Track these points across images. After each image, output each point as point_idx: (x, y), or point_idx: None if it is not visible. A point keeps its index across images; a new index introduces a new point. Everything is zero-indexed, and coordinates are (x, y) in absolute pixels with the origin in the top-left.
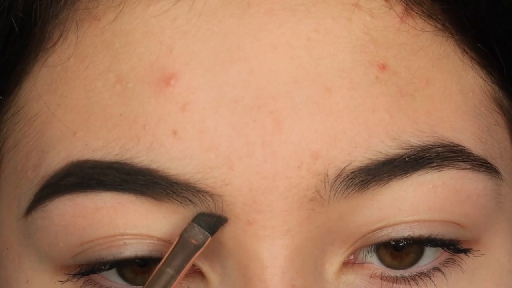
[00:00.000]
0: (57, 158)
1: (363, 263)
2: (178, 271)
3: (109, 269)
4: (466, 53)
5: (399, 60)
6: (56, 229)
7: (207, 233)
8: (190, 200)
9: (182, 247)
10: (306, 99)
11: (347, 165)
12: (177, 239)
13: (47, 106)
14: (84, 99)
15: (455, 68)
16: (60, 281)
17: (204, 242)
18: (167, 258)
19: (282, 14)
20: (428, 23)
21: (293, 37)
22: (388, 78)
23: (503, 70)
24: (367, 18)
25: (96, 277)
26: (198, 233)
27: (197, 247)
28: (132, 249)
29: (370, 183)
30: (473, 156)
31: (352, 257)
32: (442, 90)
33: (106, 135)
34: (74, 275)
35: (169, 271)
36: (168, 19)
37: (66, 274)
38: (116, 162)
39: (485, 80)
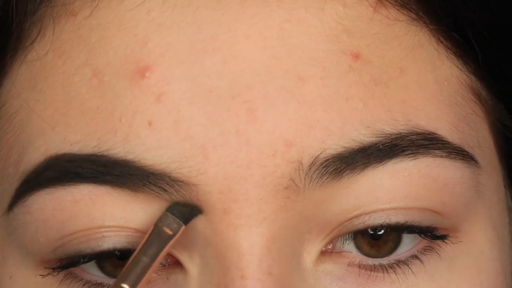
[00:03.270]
0: (37, 153)
1: (341, 251)
2: (153, 259)
3: (88, 261)
4: (441, 42)
5: (373, 49)
6: (37, 223)
7: (181, 222)
8: (165, 190)
9: (157, 236)
10: (279, 88)
11: (320, 153)
12: (152, 228)
13: (26, 103)
14: (62, 94)
15: (429, 58)
16: (41, 275)
17: (178, 231)
18: (142, 247)
19: (255, 4)
20: (401, 12)
21: (266, 27)
22: (362, 67)
23: (480, 60)
24: (339, 8)
25: (76, 270)
26: (173, 222)
27: (171, 236)
28: (110, 241)
29: (344, 171)
30: (449, 144)
31: (330, 246)
32: (417, 79)
33: (84, 129)
34: (54, 269)
35: (145, 259)
36: (143, 12)
37: (46, 268)
38: (93, 155)
39: (461, 70)
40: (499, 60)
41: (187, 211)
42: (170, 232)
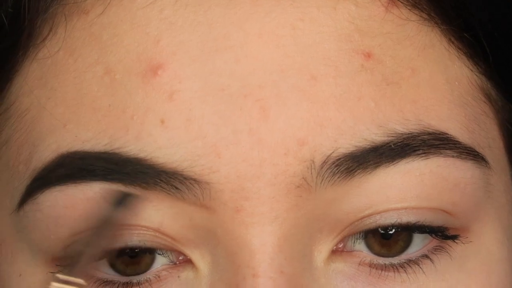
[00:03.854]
0: (48, 151)
1: (352, 251)
2: (89, 246)
3: (99, 259)
4: (452, 43)
5: (385, 49)
6: (47, 221)
7: (117, 207)
8: (177, 188)
9: (95, 223)
10: (292, 87)
11: (332, 152)
12: (91, 216)
13: (37, 100)
14: (73, 92)
15: (441, 58)
16: (52, 272)
17: (114, 217)
18: (79, 235)
19: (267, 3)
20: (413, 12)
21: (278, 26)
22: (374, 66)
23: (490, 61)
24: (352, 7)
25: (86, 268)
26: (109, 209)
27: (107, 222)
28: (121, 239)
29: (356, 170)
30: (460, 144)
31: (341, 245)
32: (428, 79)
33: (95, 126)
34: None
35: (80, 247)
36: (155, 10)
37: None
38: (105, 152)
39: (472, 70)
40: (510, 61)
41: (124, 197)
42: (108, 217)
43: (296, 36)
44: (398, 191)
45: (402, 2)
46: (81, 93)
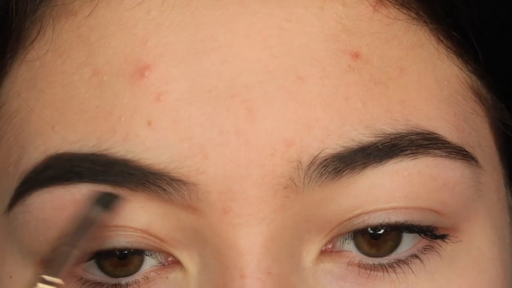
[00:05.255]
0: (36, 153)
1: (341, 251)
2: (74, 247)
3: (87, 261)
4: (441, 41)
5: (372, 49)
6: (36, 223)
7: (101, 208)
8: (164, 190)
9: (79, 224)
10: (278, 87)
11: (319, 153)
12: (75, 217)
13: (26, 102)
14: (61, 94)
15: (429, 57)
16: (40, 275)
17: (98, 218)
18: (64, 237)
19: (254, 4)
20: (401, 11)
21: (265, 27)
22: (361, 66)
23: (480, 59)
24: (339, 7)
25: (75, 269)
26: (93, 210)
27: (92, 223)
28: (110, 241)
29: (344, 171)
30: (449, 143)
31: (330, 245)
32: (416, 78)
33: (83, 128)
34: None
35: (65, 248)
36: (142, 11)
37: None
38: (92, 154)
39: (461, 69)
40: (500, 59)
41: (107, 198)
42: (91, 219)
43: (283, 37)
44: (387, 191)
45: (390, 2)
46: (69, 94)
